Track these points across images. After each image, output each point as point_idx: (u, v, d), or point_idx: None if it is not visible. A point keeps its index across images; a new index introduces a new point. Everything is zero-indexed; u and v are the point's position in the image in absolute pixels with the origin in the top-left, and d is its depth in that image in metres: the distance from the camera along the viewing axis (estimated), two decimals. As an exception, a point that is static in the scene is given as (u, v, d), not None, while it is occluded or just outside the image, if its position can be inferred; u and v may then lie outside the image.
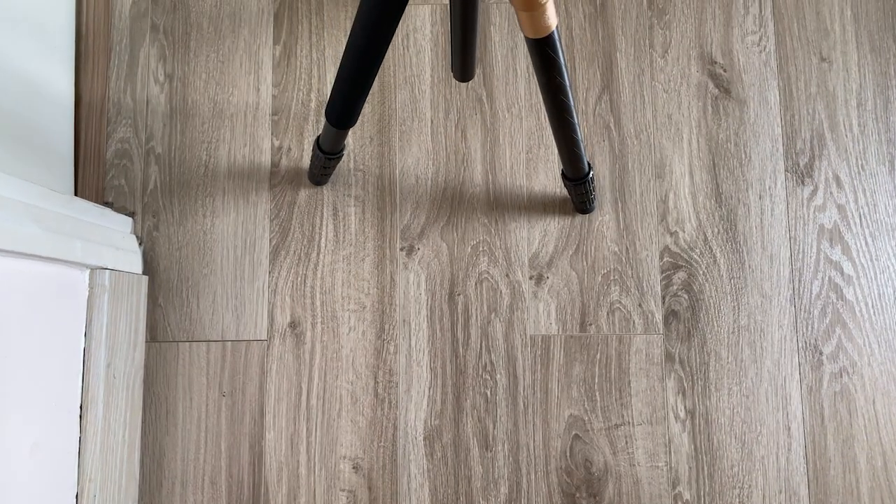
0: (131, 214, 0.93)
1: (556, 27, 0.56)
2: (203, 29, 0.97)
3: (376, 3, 0.53)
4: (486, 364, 0.90)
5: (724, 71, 0.95)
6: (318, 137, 0.82)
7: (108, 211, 0.87)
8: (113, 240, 0.85)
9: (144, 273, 0.92)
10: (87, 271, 0.79)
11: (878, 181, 0.92)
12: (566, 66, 0.62)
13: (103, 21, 0.96)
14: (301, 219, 0.93)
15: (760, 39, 0.96)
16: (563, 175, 0.84)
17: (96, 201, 0.93)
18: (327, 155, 0.83)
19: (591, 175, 0.83)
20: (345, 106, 0.69)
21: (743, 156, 0.93)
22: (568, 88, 0.64)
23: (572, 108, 0.67)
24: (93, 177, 0.93)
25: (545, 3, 0.52)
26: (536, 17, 0.53)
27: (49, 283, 0.73)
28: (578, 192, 0.85)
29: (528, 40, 0.58)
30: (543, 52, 0.58)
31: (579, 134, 0.73)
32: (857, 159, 0.93)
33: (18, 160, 0.83)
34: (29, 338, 0.70)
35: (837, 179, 0.92)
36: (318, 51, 0.96)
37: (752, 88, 0.95)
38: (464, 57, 0.74)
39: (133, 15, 0.97)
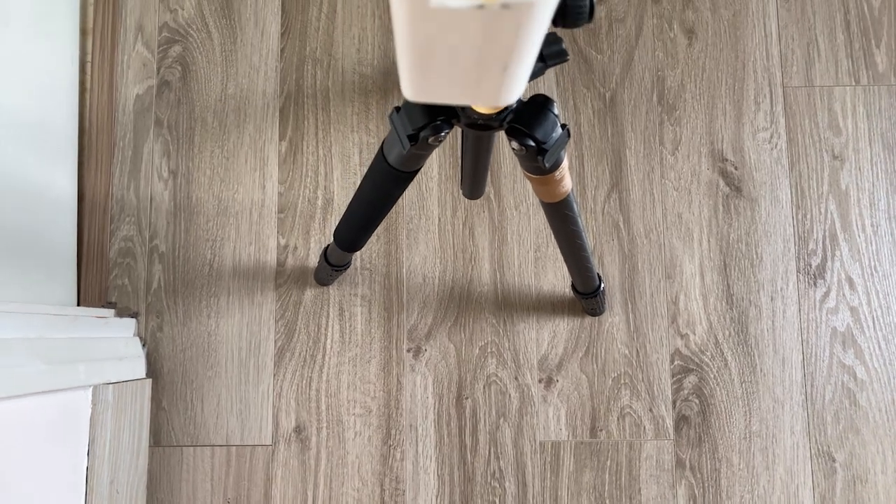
0: (134, 315, 0.92)
1: (571, 189, 0.55)
2: (208, 124, 0.96)
3: (388, 174, 0.52)
4: (494, 471, 0.88)
5: (736, 168, 0.94)
6: (326, 248, 0.81)
7: (111, 319, 0.86)
8: (116, 350, 0.84)
9: (148, 375, 0.90)
10: (90, 389, 0.78)
11: (892, 283, 0.91)
12: (580, 216, 0.61)
13: (107, 116, 0.95)
14: (307, 319, 0.92)
15: (772, 136, 0.94)
16: (574, 287, 0.83)
17: (99, 302, 0.91)
18: (334, 267, 0.81)
19: (601, 288, 0.82)
20: (353, 238, 0.68)
21: (754, 256, 0.92)
22: (582, 232, 0.63)
23: (586, 244, 0.66)
24: (96, 277, 0.92)
25: (560, 178, 0.51)
26: (551, 189, 0.52)
27: (51, 411, 0.72)
28: (589, 302, 0.84)
29: (542, 202, 0.56)
30: (559, 212, 0.57)
31: (592, 260, 0.72)
32: (870, 260, 0.91)
33: (19, 263, 0.81)
34: (29, 469, 0.69)
35: (850, 281, 0.91)
36: (325, 147, 0.95)
37: (763, 187, 0.93)
38: (474, 179, 0.72)
39: (137, 110, 0.96)
